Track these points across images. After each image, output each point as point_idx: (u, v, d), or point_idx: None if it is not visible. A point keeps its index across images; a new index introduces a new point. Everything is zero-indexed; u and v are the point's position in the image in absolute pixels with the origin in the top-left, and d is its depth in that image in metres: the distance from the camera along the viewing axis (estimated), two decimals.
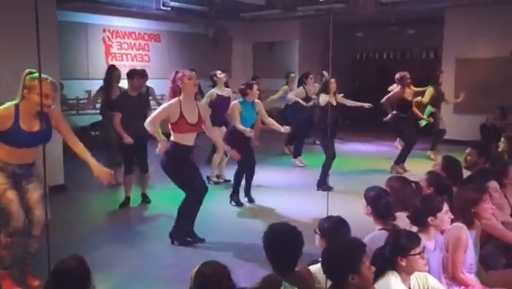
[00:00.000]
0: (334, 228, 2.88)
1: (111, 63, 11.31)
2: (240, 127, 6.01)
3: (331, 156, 7.01)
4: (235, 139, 6.01)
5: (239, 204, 6.37)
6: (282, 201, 6.57)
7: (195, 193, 4.84)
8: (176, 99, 4.76)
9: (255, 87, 6.37)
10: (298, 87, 9.06)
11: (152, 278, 4.15)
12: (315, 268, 2.73)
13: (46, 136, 3.69)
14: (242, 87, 6.34)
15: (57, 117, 3.81)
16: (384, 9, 10.98)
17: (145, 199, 6.49)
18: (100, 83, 7.76)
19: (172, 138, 4.79)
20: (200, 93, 7.70)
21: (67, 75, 9.15)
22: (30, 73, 3.63)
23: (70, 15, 10.10)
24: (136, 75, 6.36)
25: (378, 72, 14.93)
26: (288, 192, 7.11)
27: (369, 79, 15.19)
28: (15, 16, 6.33)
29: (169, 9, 10.92)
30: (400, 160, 8.14)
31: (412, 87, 8.41)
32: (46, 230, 3.23)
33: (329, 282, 2.46)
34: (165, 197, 6.37)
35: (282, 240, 2.57)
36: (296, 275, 2.49)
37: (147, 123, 4.78)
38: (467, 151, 4.68)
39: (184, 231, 4.93)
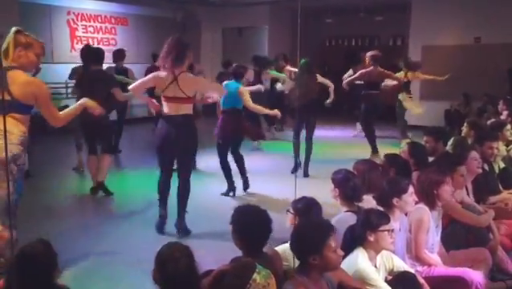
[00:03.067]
0: (307, 208, 2.92)
1: (76, 46, 11.06)
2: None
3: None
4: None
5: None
6: (255, 185, 6.54)
7: None
8: None
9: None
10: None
11: (127, 262, 4.12)
12: (284, 247, 2.76)
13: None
14: (240, 69, 6.26)
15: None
16: None
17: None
18: (65, 67, 7.58)
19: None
20: None
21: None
22: (19, 31, 3.35)
23: None
24: None
25: (346, 58, 15.05)
26: (259, 176, 7.08)
27: (338, 65, 15.30)
28: None
29: None
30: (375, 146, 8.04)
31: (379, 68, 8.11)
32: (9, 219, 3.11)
33: (297, 262, 2.49)
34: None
35: (251, 222, 2.58)
36: (265, 256, 2.52)
37: None
38: (424, 138, 4.73)
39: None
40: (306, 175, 6.97)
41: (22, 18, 6.84)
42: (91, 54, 6.25)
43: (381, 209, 3.12)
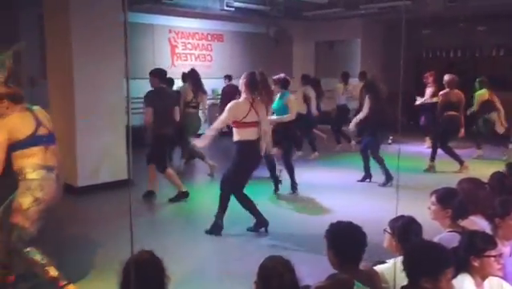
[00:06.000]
0: (405, 227, 2.80)
1: (176, 63, 11.68)
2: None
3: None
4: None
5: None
6: (340, 199, 6.52)
7: None
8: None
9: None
10: None
11: (217, 272, 4.23)
12: (383, 268, 2.67)
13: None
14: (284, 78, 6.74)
15: None
16: (452, 5, 10.58)
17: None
18: None
19: None
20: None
21: (134, 74, 9.49)
22: None
23: (137, 16, 10.48)
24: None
25: (445, 71, 14.38)
26: (344, 190, 7.06)
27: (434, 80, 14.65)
28: (87, 21, 6.68)
29: (233, 9, 11.07)
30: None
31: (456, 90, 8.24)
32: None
33: (398, 284, 2.40)
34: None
35: (346, 238, 2.53)
36: (363, 274, 2.45)
37: None
38: None
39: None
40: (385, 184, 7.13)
41: (129, 36, 7.32)
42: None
43: (488, 230, 2.93)
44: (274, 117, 6.45)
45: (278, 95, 6.60)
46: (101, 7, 6.83)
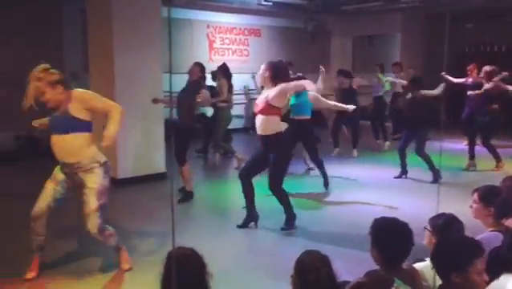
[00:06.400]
0: (447, 225, 2.73)
1: (213, 57, 11.76)
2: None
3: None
4: None
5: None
6: (378, 196, 6.40)
7: None
8: None
9: None
10: None
11: (251, 266, 4.25)
12: (422, 265, 2.61)
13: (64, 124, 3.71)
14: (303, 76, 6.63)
15: (82, 100, 3.76)
16: None
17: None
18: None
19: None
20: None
21: (172, 69, 9.58)
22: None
23: (176, 12, 10.60)
24: (193, 64, 6.44)
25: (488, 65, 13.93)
26: (381, 187, 6.95)
27: (477, 73, 14.21)
28: (128, 17, 6.81)
29: (270, 4, 11.05)
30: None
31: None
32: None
33: (437, 281, 2.34)
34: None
35: (391, 235, 2.46)
36: (404, 273, 2.39)
37: None
38: None
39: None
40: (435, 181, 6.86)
41: (167, 31, 7.41)
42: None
43: None
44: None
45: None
46: (142, 2, 6.94)
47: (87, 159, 3.74)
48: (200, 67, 6.31)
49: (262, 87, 5.05)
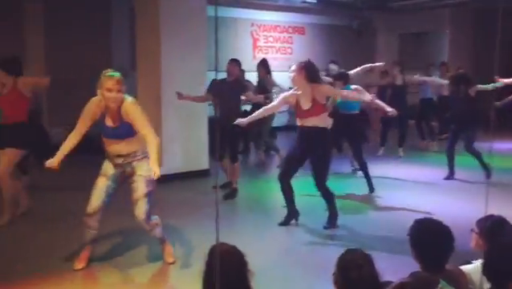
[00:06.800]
0: (495, 228, 2.64)
1: (257, 55, 11.81)
2: None
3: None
4: None
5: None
6: (425, 197, 6.31)
7: None
8: None
9: None
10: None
11: (292, 264, 4.26)
12: (469, 268, 2.55)
13: (124, 131, 3.81)
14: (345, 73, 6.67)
15: (128, 111, 3.79)
16: None
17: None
18: (248, 75, 8.18)
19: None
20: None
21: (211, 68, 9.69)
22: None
23: (221, 10, 10.68)
24: (231, 62, 6.35)
25: None
26: (429, 188, 6.83)
27: None
28: (175, 15, 6.94)
29: (315, 1, 10.99)
30: None
31: None
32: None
33: (485, 285, 2.28)
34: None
35: (433, 236, 2.42)
36: (449, 274, 2.34)
37: None
38: None
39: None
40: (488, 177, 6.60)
41: (211, 30, 7.51)
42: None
43: None
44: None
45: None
46: (188, 2, 7.07)
47: (140, 149, 3.88)
48: (238, 65, 6.34)
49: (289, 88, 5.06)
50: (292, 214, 5.18)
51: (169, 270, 4.10)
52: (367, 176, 6.49)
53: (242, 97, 6.30)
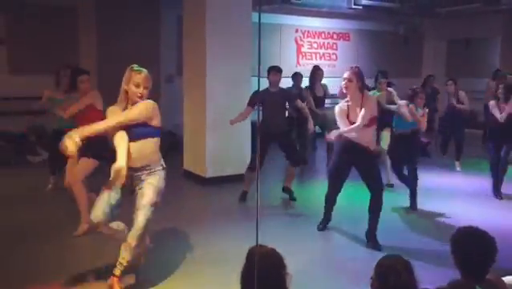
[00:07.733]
0: None
1: (301, 62, 11.86)
2: None
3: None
4: None
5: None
6: (459, 206, 6.21)
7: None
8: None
9: None
10: None
11: (330, 268, 4.26)
12: (510, 279, 2.50)
13: (139, 130, 3.62)
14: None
15: (136, 105, 3.62)
16: None
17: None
18: (289, 81, 8.23)
19: None
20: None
21: (261, 73, 9.74)
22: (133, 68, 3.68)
23: (265, 17, 10.81)
24: (272, 71, 6.23)
25: None
26: (463, 198, 6.72)
27: None
28: (220, 23, 7.10)
29: (360, 7, 10.91)
30: None
31: None
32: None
33: None
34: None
35: (474, 245, 2.39)
36: (488, 284, 2.31)
37: None
38: None
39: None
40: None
41: (256, 36, 7.63)
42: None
43: None
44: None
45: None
46: (234, 9, 7.20)
47: (154, 163, 3.71)
48: (280, 73, 6.22)
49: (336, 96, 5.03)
50: (328, 219, 5.26)
51: (206, 272, 4.16)
52: (415, 192, 6.11)
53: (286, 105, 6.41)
